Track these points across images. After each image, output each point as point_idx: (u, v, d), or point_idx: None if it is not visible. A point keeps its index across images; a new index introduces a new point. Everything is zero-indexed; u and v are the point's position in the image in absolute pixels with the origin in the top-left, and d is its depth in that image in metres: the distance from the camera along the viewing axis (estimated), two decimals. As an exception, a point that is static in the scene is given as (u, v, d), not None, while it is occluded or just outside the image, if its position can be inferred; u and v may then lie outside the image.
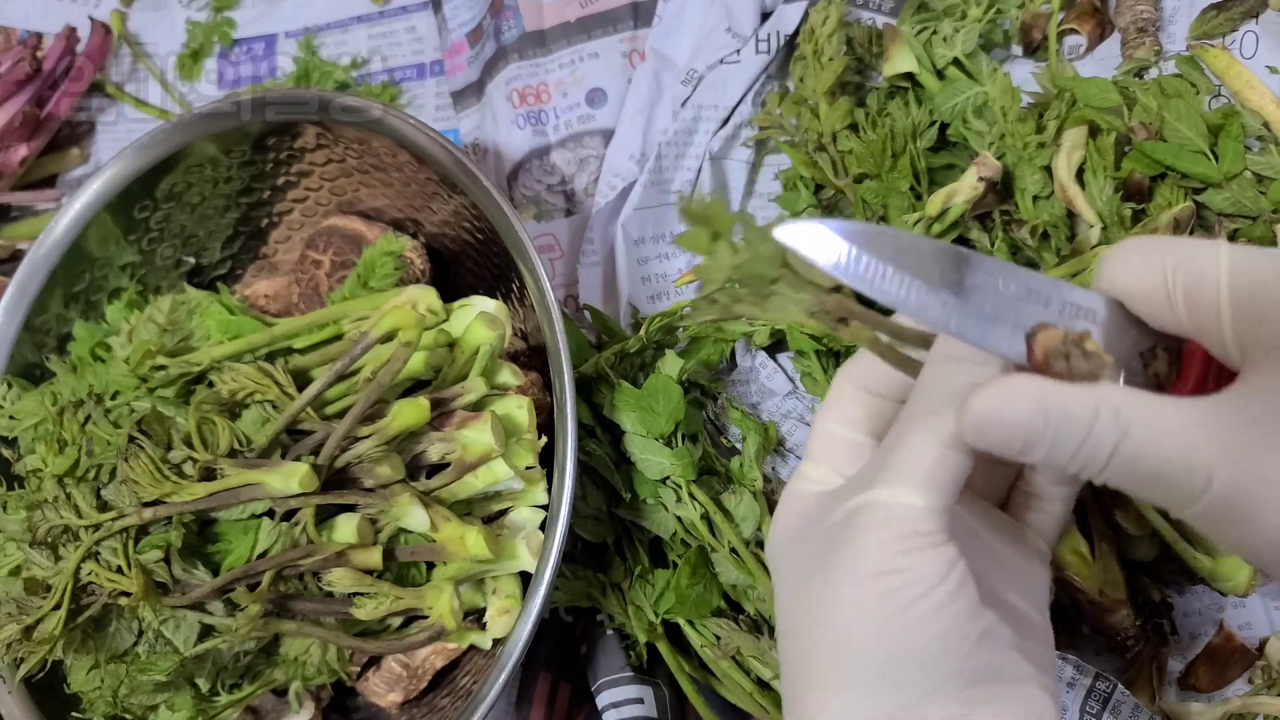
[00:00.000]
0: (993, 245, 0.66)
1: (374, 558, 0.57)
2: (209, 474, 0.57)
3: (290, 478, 0.55)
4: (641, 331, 0.68)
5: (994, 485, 0.42)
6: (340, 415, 0.59)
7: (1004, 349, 0.33)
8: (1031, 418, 0.31)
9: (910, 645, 0.33)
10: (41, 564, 0.57)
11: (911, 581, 0.33)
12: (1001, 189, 0.66)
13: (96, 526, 0.56)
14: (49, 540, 0.57)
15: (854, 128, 0.72)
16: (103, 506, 0.57)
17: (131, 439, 0.57)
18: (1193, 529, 0.60)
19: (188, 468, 0.57)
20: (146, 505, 0.56)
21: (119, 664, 0.58)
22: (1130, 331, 0.34)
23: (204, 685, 0.61)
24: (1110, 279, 0.34)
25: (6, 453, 0.66)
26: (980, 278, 0.33)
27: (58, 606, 0.55)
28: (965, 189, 0.65)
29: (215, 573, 0.58)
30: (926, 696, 0.33)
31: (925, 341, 0.36)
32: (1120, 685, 0.58)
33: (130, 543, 0.56)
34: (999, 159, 0.66)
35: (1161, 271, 0.33)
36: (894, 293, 0.33)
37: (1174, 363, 0.34)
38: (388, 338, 0.59)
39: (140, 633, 0.59)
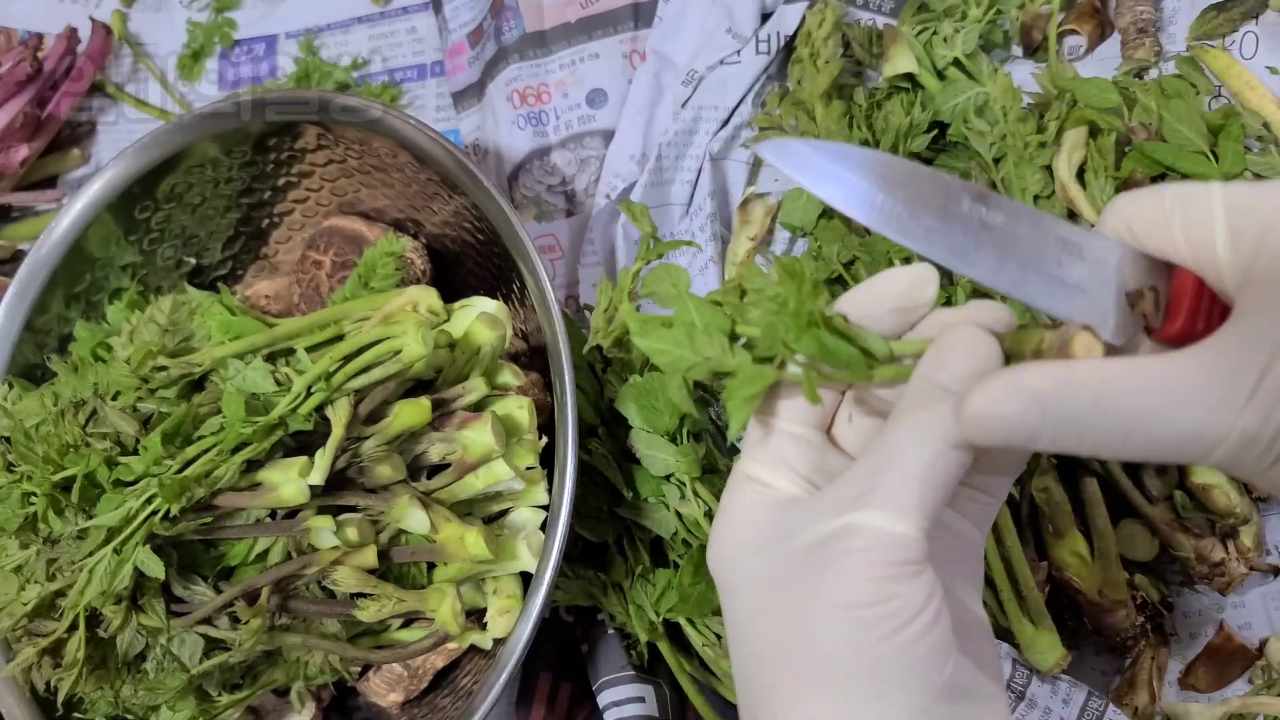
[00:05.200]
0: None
1: (368, 556, 0.57)
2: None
3: (293, 474, 0.55)
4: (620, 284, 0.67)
5: None
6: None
7: (1038, 303, 0.34)
8: (1028, 411, 0.31)
9: (893, 669, 0.33)
10: (42, 579, 0.56)
11: (896, 611, 0.33)
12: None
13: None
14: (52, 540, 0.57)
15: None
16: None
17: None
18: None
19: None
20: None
21: (133, 678, 0.58)
22: (1140, 277, 0.34)
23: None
24: (1115, 214, 0.34)
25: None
26: (1000, 218, 0.34)
27: (72, 628, 0.55)
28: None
29: (216, 577, 0.58)
30: (911, 717, 0.33)
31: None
32: (1111, 704, 0.58)
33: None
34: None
35: (1160, 200, 0.33)
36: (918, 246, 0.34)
37: (1160, 303, 0.34)
38: (389, 338, 0.59)
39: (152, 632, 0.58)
